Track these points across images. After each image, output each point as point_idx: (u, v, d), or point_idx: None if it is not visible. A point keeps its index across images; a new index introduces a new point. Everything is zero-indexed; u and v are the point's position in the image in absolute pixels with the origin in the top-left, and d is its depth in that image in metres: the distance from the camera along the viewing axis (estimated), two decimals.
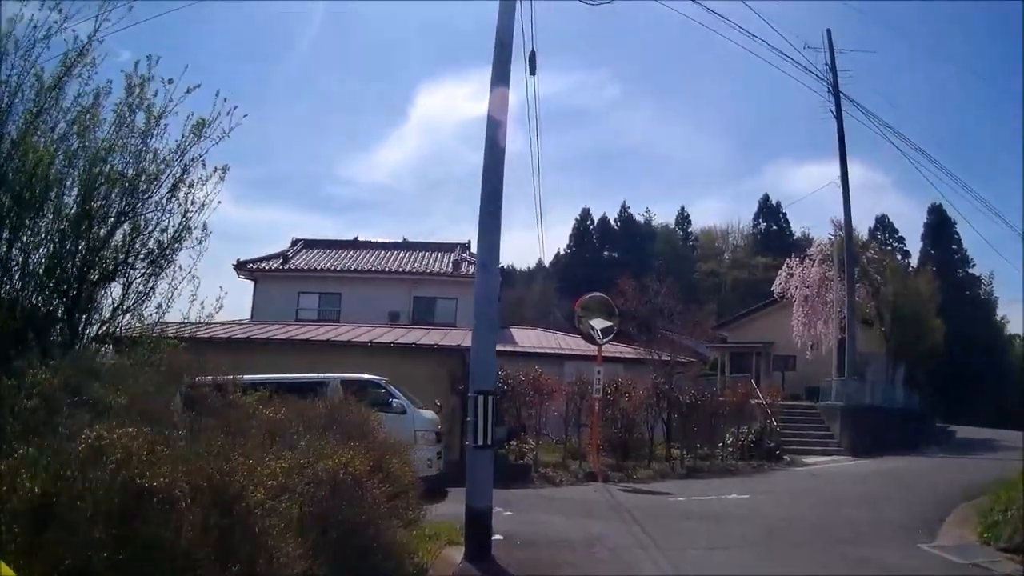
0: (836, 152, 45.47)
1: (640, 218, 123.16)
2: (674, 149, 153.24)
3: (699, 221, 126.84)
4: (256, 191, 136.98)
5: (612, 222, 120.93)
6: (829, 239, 55.17)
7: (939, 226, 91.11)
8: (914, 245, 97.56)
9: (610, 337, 30.67)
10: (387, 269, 48.87)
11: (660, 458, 32.95)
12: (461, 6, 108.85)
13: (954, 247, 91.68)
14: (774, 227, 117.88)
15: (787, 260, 58.66)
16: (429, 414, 25.77)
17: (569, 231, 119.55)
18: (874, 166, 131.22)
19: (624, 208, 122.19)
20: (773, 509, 22.45)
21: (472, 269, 46.09)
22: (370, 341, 31.36)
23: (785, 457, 36.16)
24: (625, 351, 41.38)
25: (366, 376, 25.03)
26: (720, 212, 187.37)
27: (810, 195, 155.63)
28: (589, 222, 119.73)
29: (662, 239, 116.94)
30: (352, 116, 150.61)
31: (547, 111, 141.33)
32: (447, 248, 53.15)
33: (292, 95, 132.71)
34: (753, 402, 37.59)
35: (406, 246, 54.43)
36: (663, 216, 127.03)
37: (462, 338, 30.51)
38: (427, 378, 28.61)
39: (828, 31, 47.33)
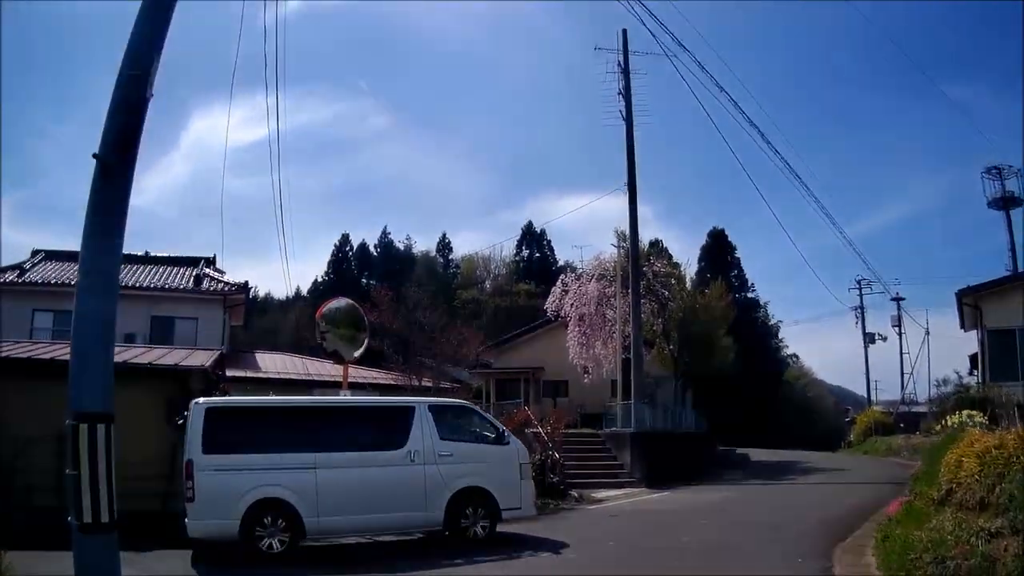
0: (595, 185, 42.03)
1: (401, 245, 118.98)
2: (437, 180, 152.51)
3: (461, 249, 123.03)
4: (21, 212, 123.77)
5: (372, 248, 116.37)
6: (610, 255, 50.37)
7: (718, 249, 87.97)
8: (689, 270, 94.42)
9: (358, 353, 25.46)
10: (125, 284, 40.71)
11: None
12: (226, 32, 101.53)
13: (733, 272, 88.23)
14: (537, 254, 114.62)
15: (561, 276, 54.75)
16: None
17: (327, 258, 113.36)
18: (642, 198, 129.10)
19: (385, 234, 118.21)
20: None
21: (217, 286, 43.07)
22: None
23: (572, 493, 30.90)
24: (379, 376, 36.22)
25: (459, 401, 23.74)
26: (482, 242, 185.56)
27: (576, 217, 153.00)
28: (348, 248, 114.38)
29: (422, 266, 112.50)
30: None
31: (310, 141, 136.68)
32: (190, 262, 47.74)
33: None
34: (529, 431, 31.96)
35: (147, 260, 48.65)
36: (424, 243, 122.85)
37: (188, 356, 25.05)
38: (141, 407, 21.35)
39: (624, 30, 43.13)
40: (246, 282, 44.57)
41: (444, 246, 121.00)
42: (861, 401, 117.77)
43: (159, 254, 49.61)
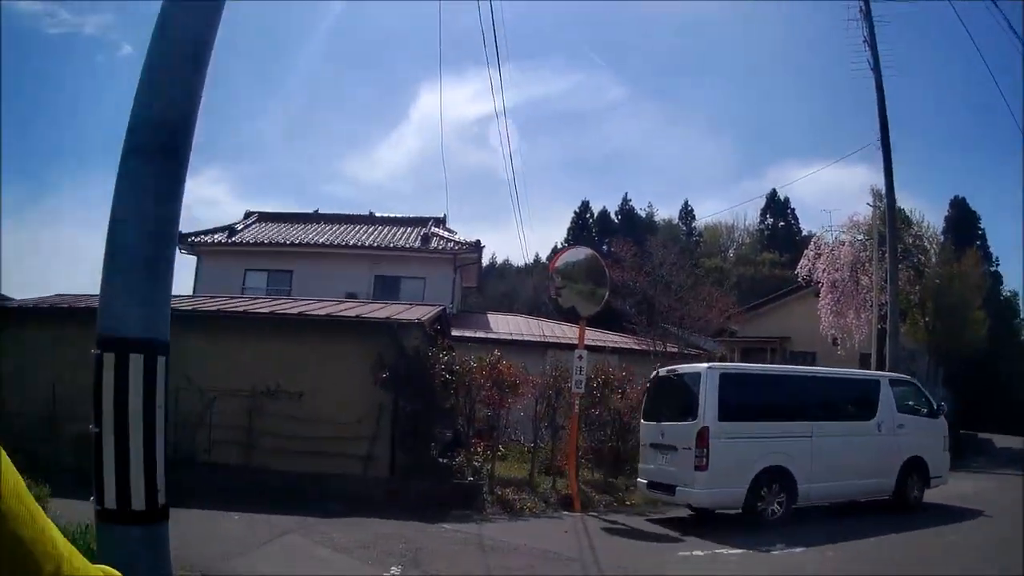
0: (838, 154, 37.28)
1: (642, 212, 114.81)
2: (676, 151, 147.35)
3: (704, 218, 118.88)
4: (253, 187, 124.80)
5: (612, 215, 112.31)
6: (864, 216, 46.54)
7: (962, 220, 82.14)
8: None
9: (596, 310, 22.75)
10: (345, 243, 41.27)
11: None
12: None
13: (978, 243, 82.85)
14: (781, 223, 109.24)
15: (814, 238, 50.24)
16: None
17: (567, 225, 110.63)
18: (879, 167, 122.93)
19: (626, 201, 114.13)
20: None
21: (446, 245, 40.60)
22: (244, 311, 22.98)
23: None
24: (619, 340, 33.64)
25: (905, 376, 24.34)
26: (725, 211, 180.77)
27: (819, 187, 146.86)
28: (588, 215, 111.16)
29: (665, 233, 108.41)
30: (352, 116, 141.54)
31: (546, 112, 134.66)
32: (418, 222, 44.96)
33: (291, 92, 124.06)
34: None
35: (371, 220, 46.79)
36: (666, 212, 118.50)
37: (404, 312, 23.04)
38: (348, 364, 20.97)
39: None
40: (478, 240, 41.51)
41: (687, 213, 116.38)
42: None
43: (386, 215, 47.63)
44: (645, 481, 20.15)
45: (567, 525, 18.12)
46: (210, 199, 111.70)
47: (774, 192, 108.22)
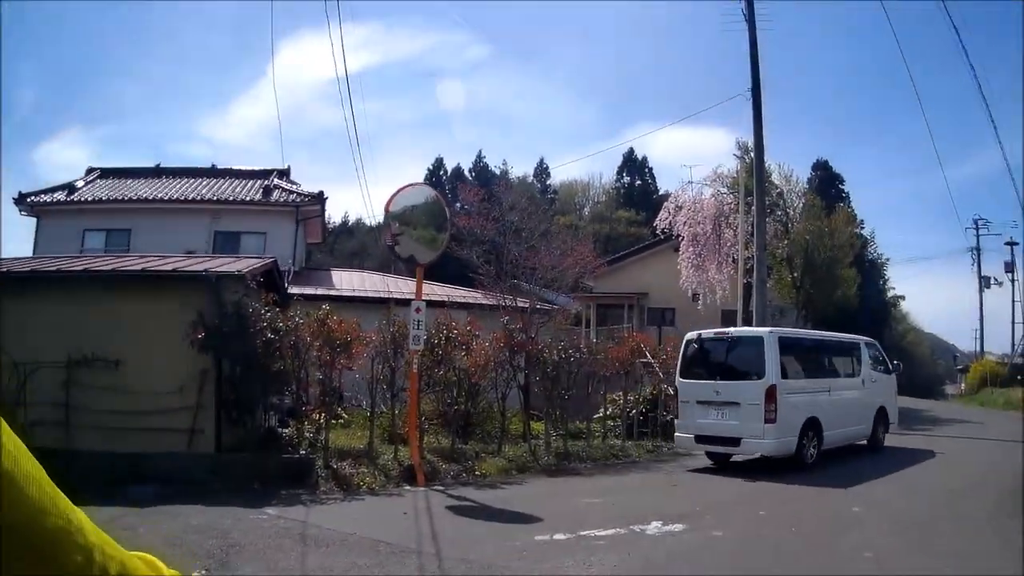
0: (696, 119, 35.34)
1: (496, 169, 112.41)
2: (533, 111, 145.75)
3: (559, 177, 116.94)
4: (110, 148, 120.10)
5: (467, 172, 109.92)
6: (727, 169, 45.23)
7: (826, 181, 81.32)
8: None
9: (435, 256, 20.25)
10: (185, 198, 39.04)
11: (515, 438, 23.30)
12: None
13: (840, 204, 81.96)
14: (639, 182, 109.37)
15: (674, 192, 48.10)
16: None
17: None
18: (738, 129, 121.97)
19: (480, 158, 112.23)
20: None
21: (288, 197, 38.33)
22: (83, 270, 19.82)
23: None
24: (466, 295, 31.45)
25: (870, 339, 26.69)
26: (580, 171, 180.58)
27: (676, 150, 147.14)
28: (442, 172, 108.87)
29: (520, 191, 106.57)
30: (211, 74, 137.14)
31: (404, 71, 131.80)
32: (260, 175, 42.31)
33: (148, 49, 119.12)
34: (639, 361, 27.46)
35: (213, 173, 43.49)
36: (520, 170, 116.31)
37: (228, 264, 20.56)
38: (165, 326, 18.21)
39: None
40: (320, 192, 39.29)
41: (542, 171, 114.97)
42: (951, 351, 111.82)
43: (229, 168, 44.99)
44: (691, 436, 21.55)
45: (407, 504, 15.63)
46: (69, 164, 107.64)
47: (631, 151, 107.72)
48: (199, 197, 38.96)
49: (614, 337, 33.53)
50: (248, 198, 39.26)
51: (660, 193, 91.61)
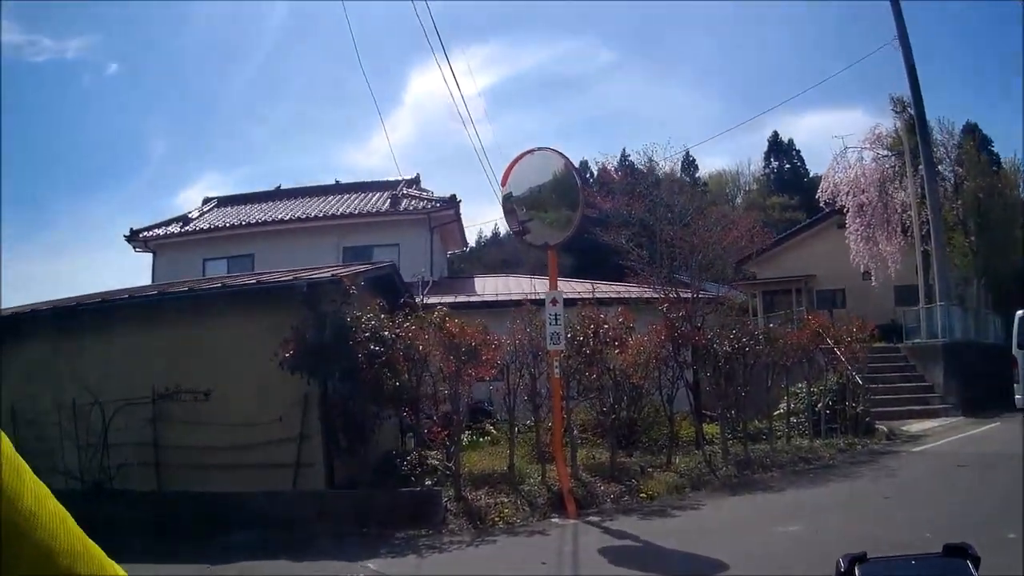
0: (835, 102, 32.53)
1: (643, 167, 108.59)
2: (669, 110, 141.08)
3: (706, 169, 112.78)
4: (247, 185, 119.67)
5: (612, 172, 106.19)
6: (886, 130, 40.23)
7: (979, 144, 75.68)
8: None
9: (568, 235, 16.73)
10: (307, 216, 36.74)
11: (687, 444, 19.76)
12: None
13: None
14: (787, 165, 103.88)
15: (834, 157, 42.54)
16: None
17: None
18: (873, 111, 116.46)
19: (624, 157, 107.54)
20: None
21: (418, 205, 35.99)
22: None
23: (878, 427, 23.14)
24: (618, 288, 28.31)
25: None
26: (726, 164, 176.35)
27: (819, 134, 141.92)
28: (588, 174, 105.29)
29: (668, 185, 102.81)
30: (342, 107, 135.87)
31: (535, 81, 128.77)
32: (388, 186, 39.75)
33: (269, 93, 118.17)
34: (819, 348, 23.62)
35: (337, 189, 41.62)
36: (666, 168, 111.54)
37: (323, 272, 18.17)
38: (260, 350, 15.41)
39: None
40: (453, 195, 36.48)
41: (689, 163, 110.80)
42: None
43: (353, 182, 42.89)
44: None
45: (551, 546, 12.44)
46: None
47: (776, 134, 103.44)
48: (321, 214, 36.75)
49: (792, 320, 30.32)
50: (375, 210, 37.00)
51: (811, 176, 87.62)
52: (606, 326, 17.36)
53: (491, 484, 15.58)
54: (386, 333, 15.43)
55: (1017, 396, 25.03)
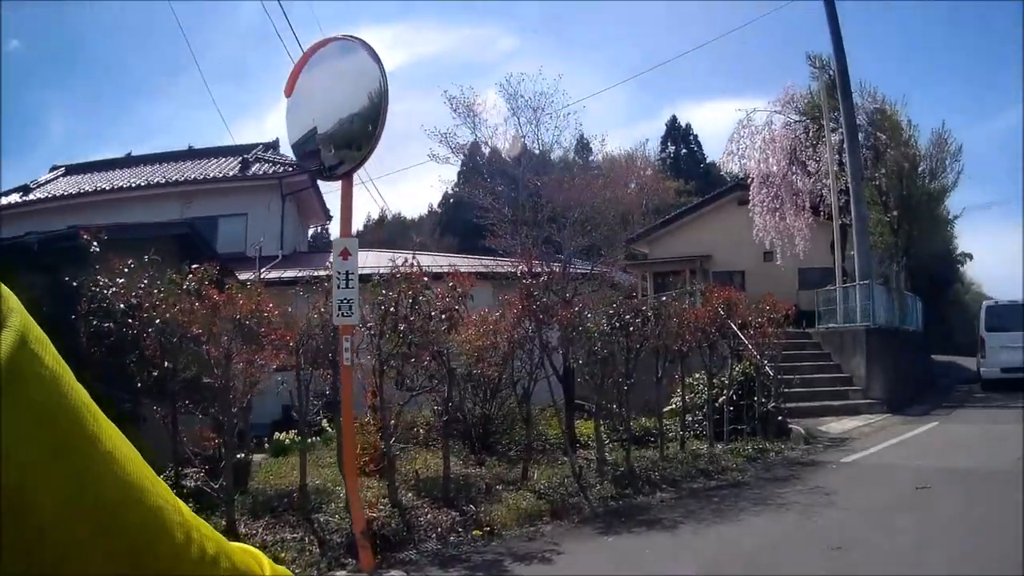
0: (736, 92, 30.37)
1: (536, 150, 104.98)
2: (574, 95, 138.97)
3: (600, 154, 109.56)
4: None
5: (504, 155, 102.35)
6: (800, 92, 36.38)
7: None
8: None
9: (364, 155, 11.02)
10: (151, 183, 33.19)
11: (551, 450, 16.01)
12: None
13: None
14: (684, 151, 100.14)
15: (739, 121, 37.47)
16: None
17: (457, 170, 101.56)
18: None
19: (520, 141, 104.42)
20: None
21: (273, 169, 32.46)
22: None
23: (792, 427, 18.86)
24: (486, 264, 25.36)
25: None
26: (621, 150, 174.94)
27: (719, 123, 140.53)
28: (479, 157, 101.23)
29: (560, 169, 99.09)
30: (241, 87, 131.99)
31: (436, 68, 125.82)
32: (242, 150, 35.83)
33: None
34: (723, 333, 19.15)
35: (190, 154, 37.52)
36: (560, 151, 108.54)
37: None
38: None
39: None
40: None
41: (583, 147, 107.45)
42: None
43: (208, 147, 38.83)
44: (998, 368, 28.25)
45: None
46: None
47: (674, 119, 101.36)
48: (167, 180, 33.02)
49: (690, 294, 26.71)
50: (222, 175, 33.30)
51: (708, 161, 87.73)
52: (430, 293, 12.27)
53: (290, 510, 11.26)
54: (121, 305, 10.81)
55: (984, 369, 29.49)
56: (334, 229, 44.15)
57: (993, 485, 12.49)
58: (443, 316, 12.01)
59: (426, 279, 12.04)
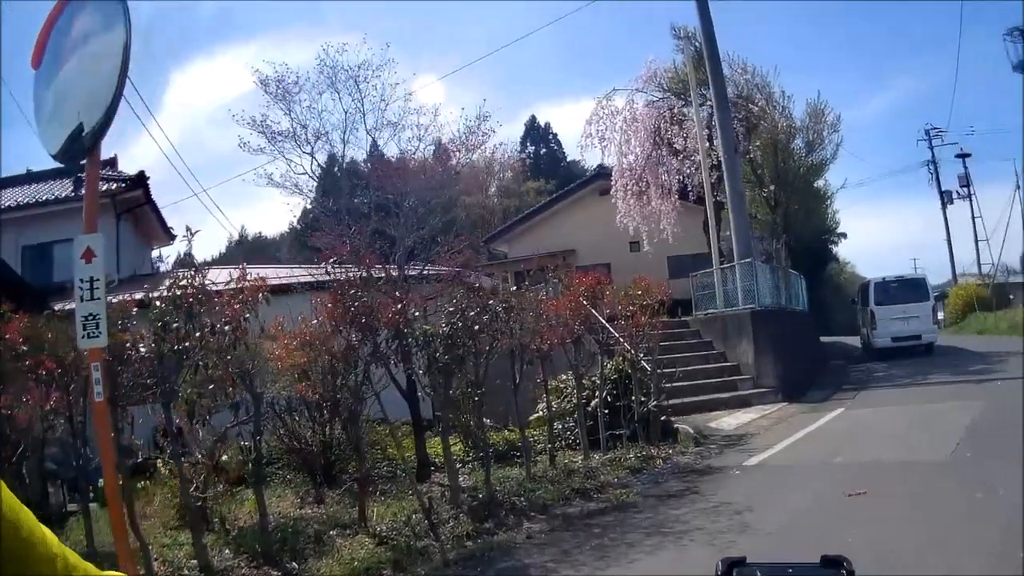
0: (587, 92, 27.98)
1: (394, 158, 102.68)
2: (425, 103, 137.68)
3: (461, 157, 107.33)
4: None
5: (362, 164, 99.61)
6: (664, 68, 33.53)
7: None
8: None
9: (100, 118, 8.25)
10: None
11: (404, 477, 13.16)
12: None
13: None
14: (544, 150, 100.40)
15: (597, 99, 34.17)
16: None
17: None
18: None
19: (375, 146, 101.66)
20: None
21: (106, 186, 28.34)
22: None
23: (678, 426, 16.64)
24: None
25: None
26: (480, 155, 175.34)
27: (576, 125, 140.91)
28: (336, 167, 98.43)
29: (420, 174, 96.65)
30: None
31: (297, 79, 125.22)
32: (80, 170, 31.77)
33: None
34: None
35: (24, 179, 33.27)
36: (420, 156, 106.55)
37: None
38: None
39: None
40: (141, 173, 30.04)
41: (441, 151, 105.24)
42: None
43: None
44: (888, 338, 31.91)
45: None
46: None
47: (533, 118, 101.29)
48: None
49: (550, 284, 22.34)
50: (52, 198, 30.12)
51: (568, 160, 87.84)
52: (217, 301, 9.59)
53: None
54: None
55: (877, 339, 32.39)
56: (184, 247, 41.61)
57: (940, 482, 10.23)
58: (227, 328, 9.29)
59: (207, 287, 9.40)
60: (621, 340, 16.53)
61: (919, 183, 74.10)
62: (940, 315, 64.83)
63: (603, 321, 16.64)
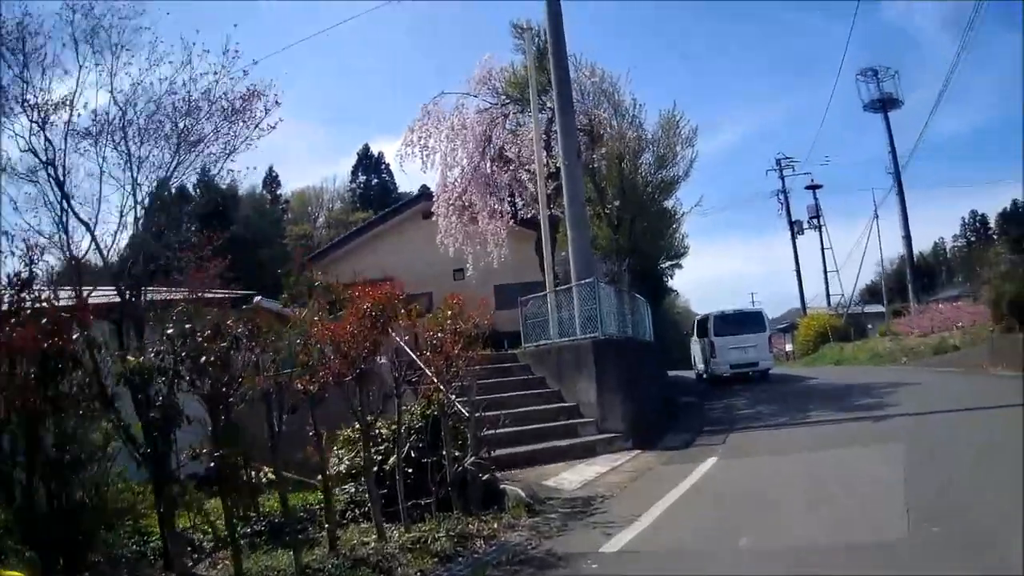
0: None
1: (223, 184, 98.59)
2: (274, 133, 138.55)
3: (291, 186, 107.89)
4: None
5: (191, 189, 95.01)
6: (500, 68, 30.33)
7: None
8: None
9: None
10: None
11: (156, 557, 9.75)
12: None
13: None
14: (376, 180, 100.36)
15: (423, 106, 30.71)
16: None
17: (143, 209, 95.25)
18: None
19: (204, 173, 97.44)
20: None
21: None
22: None
23: (505, 487, 13.01)
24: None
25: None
26: (313, 179, 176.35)
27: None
28: (166, 192, 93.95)
29: (248, 204, 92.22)
30: None
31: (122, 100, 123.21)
32: None
33: None
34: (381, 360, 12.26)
35: None
36: (251, 183, 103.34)
37: None
38: None
39: None
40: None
41: (272, 180, 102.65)
42: None
43: None
44: (727, 366, 36.32)
45: None
46: None
47: (367, 147, 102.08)
48: None
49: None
50: None
51: (399, 190, 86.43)
52: None
53: None
54: None
55: (713, 367, 36.94)
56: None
57: None
58: None
59: None
60: (429, 374, 12.71)
61: (767, 213, 77.45)
62: (788, 347, 65.57)
63: (404, 346, 13.20)
